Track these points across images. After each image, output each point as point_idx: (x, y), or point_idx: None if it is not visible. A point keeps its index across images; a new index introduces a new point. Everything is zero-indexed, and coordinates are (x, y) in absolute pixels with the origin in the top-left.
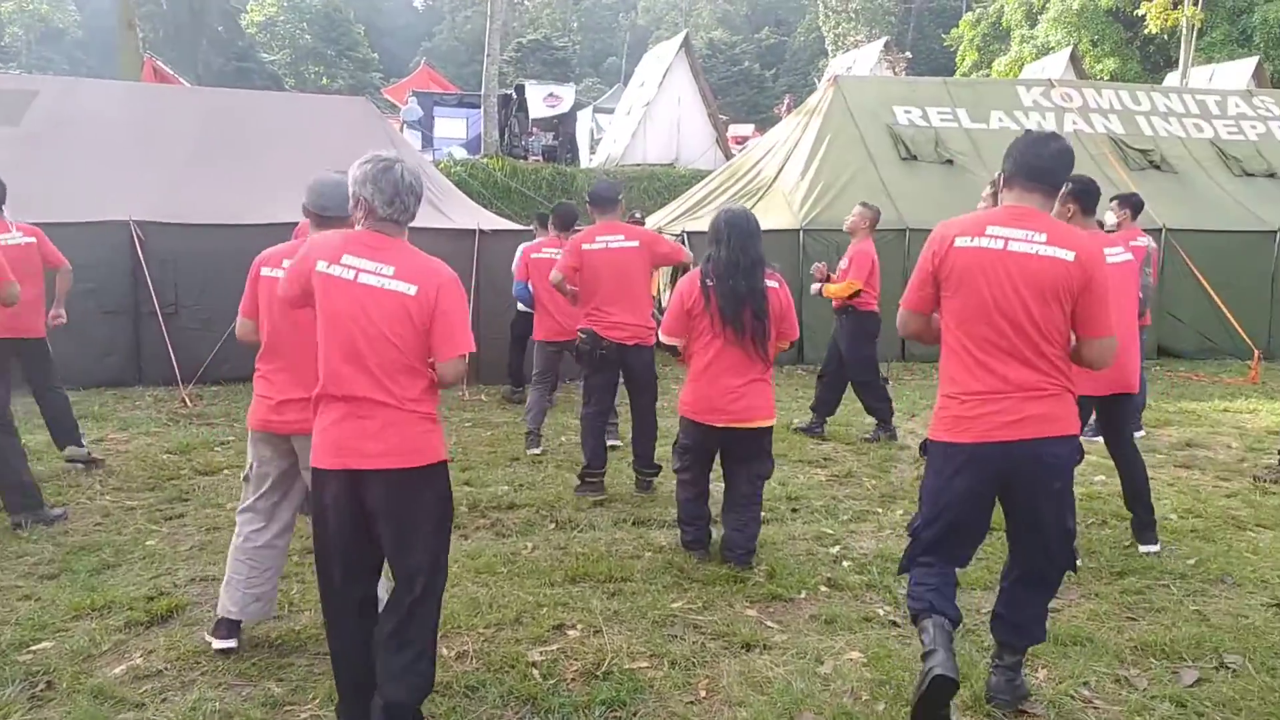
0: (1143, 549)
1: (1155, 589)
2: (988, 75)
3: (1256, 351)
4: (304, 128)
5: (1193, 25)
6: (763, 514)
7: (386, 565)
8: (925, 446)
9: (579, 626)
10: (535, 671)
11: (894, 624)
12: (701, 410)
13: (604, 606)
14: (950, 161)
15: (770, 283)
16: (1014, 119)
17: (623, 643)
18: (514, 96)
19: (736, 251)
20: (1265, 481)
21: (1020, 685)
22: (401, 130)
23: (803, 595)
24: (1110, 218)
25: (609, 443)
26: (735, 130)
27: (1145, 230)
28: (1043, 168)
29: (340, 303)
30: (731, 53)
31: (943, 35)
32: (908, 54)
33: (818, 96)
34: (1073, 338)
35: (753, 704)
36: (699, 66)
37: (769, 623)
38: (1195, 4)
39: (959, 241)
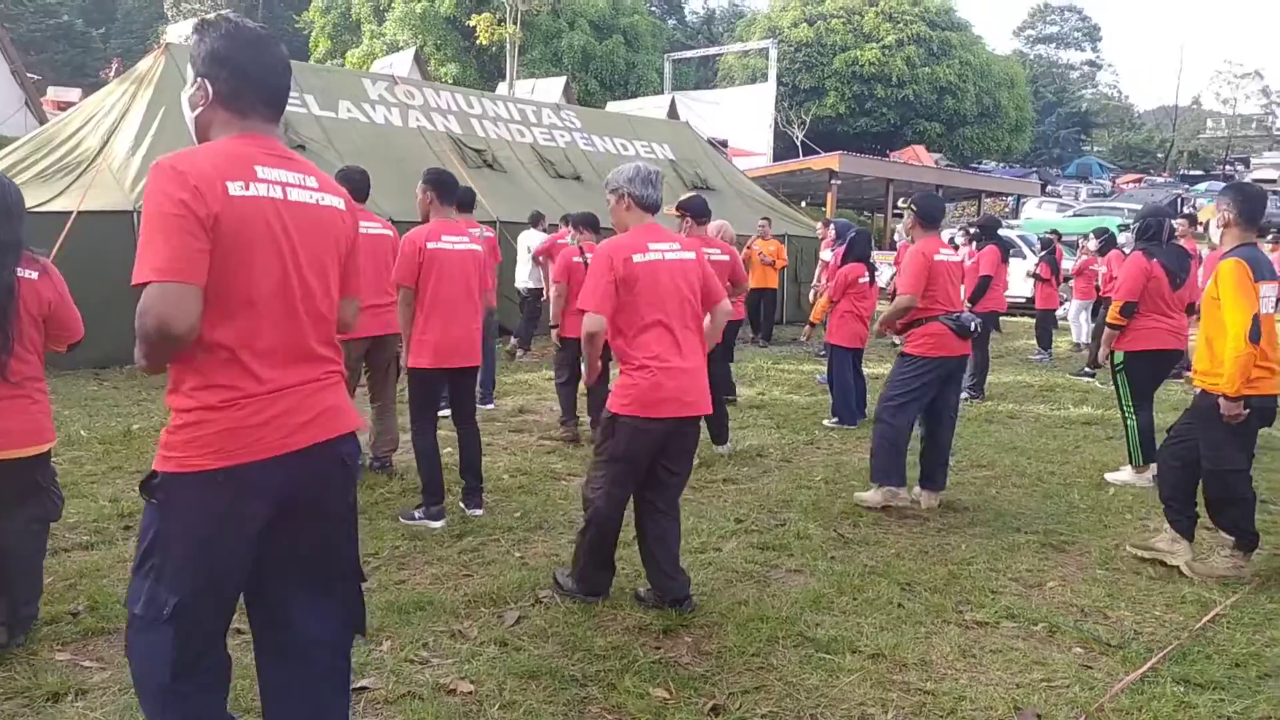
0: (470, 511)
1: (488, 544)
2: (342, 65)
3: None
4: None
5: (515, 42)
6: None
7: None
8: (156, 485)
9: None
10: None
11: (238, 631)
12: None
13: None
14: (302, 147)
15: (28, 273)
16: (362, 110)
17: None
18: None
19: None
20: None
21: None
22: None
23: None
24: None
25: None
26: (59, 94)
27: (482, 222)
28: (276, 85)
29: None
30: (45, 2)
31: (295, 19)
32: None
33: (148, 64)
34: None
35: None
36: None
37: (86, 663)
38: (515, 24)
39: (234, 188)
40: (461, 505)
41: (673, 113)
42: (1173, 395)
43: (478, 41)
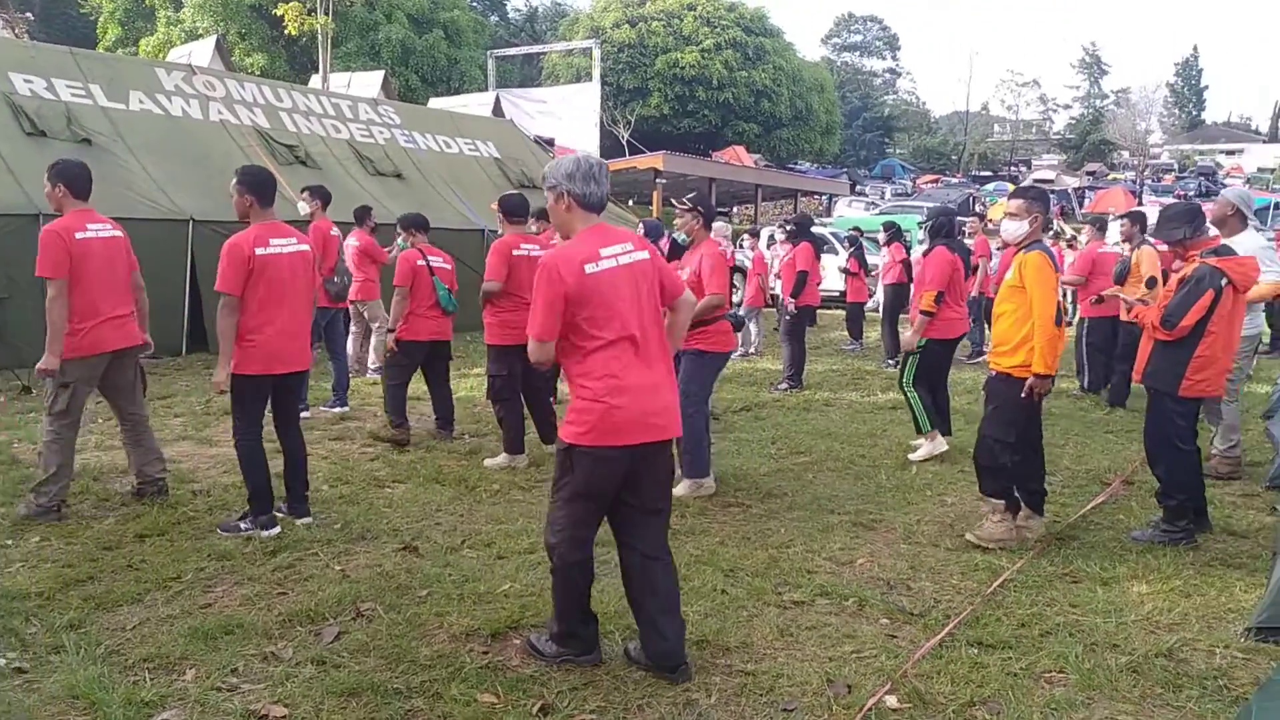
0: (298, 520)
1: (305, 559)
2: (135, 53)
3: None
4: None
5: (327, 34)
6: None
7: None
8: None
9: None
10: None
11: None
12: None
13: None
14: (88, 141)
15: None
16: (155, 101)
17: None
18: None
19: None
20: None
21: None
22: None
23: None
24: (303, 207)
25: None
26: None
27: (291, 221)
28: None
29: None
30: None
31: (79, 3)
32: (30, 15)
33: None
34: None
35: None
36: None
37: None
38: (327, 14)
39: None
40: (288, 514)
41: (498, 110)
42: (967, 379)
43: (287, 31)
